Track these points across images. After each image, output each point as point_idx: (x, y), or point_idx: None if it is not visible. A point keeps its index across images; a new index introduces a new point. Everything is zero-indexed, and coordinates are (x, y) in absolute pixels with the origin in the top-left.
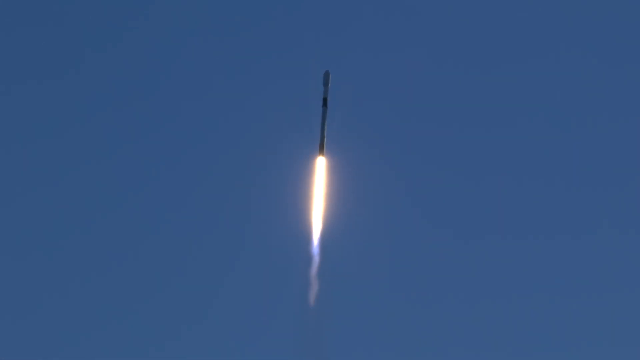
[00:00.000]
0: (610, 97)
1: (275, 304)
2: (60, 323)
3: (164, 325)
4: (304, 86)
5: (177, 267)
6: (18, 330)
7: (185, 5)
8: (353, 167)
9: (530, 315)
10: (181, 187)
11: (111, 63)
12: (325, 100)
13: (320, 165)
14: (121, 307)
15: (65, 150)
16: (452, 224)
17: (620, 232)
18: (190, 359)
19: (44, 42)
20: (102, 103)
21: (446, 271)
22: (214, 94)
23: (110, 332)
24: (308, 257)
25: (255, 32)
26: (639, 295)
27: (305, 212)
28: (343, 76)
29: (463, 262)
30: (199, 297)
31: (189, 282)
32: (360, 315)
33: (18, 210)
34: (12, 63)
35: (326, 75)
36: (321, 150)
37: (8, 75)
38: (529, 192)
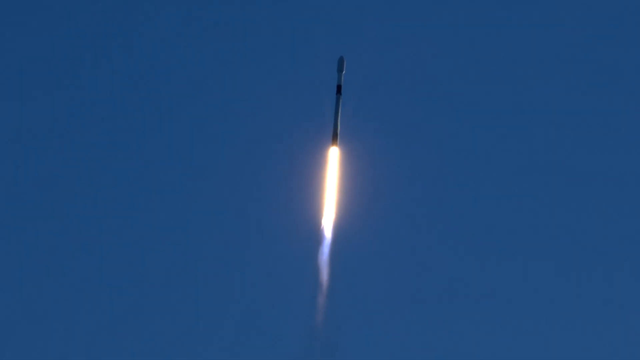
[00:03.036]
0: None
1: (286, 294)
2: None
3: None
4: (317, 73)
5: (186, 259)
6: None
7: None
8: (367, 159)
9: (543, 315)
10: (192, 178)
11: (121, 51)
12: (339, 88)
13: (334, 156)
14: (124, 309)
15: (68, 149)
16: (468, 215)
17: None
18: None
19: (43, 42)
20: (116, 89)
21: (459, 266)
22: (225, 82)
23: (114, 339)
24: (319, 249)
25: (268, 17)
26: None
27: (318, 205)
28: (358, 62)
29: (476, 258)
30: (208, 288)
31: (198, 275)
32: (371, 306)
33: (17, 211)
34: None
35: (341, 62)
36: (334, 140)
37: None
38: (538, 186)
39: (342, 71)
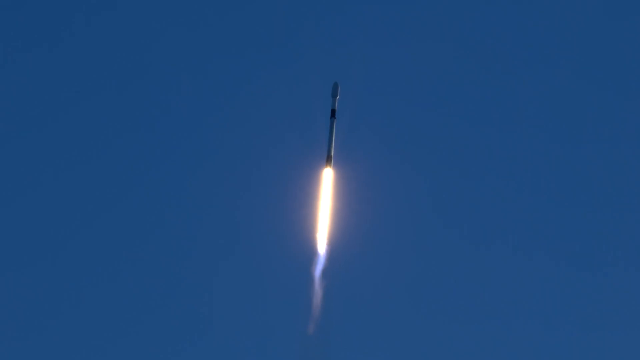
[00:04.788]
0: None
1: (278, 316)
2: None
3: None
4: (311, 97)
5: (178, 277)
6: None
7: (193, 17)
8: (360, 179)
9: (543, 324)
10: (186, 198)
11: (114, 73)
12: (333, 112)
13: (328, 177)
14: (118, 324)
15: (68, 149)
16: (461, 236)
17: None
18: None
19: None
20: (110, 123)
21: (456, 282)
22: (221, 105)
23: (107, 341)
24: (314, 269)
25: (264, 43)
26: None
27: (312, 224)
28: (352, 88)
29: (473, 271)
30: (199, 308)
31: (190, 291)
32: (366, 327)
33: (17, 212)
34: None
35: (335, 87)
36: (328, 162)
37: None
38: (537, 199)
39: (336, 96)
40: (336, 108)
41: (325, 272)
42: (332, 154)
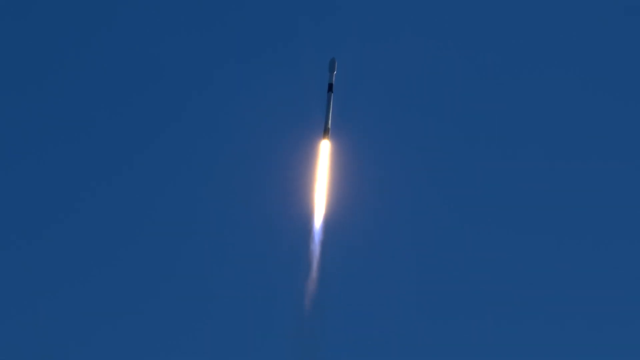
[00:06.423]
0: None
1: (276, 286)
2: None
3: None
4: (309, 72)
5: (176, 252)
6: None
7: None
8: (357, 150)
9: (534, 309)
10: (184, 171)
11: (111, 56)
12: (330, 86)
13: (325, 148)
14: (113, 305)
15: (66, 149)
16: (458, 205)
17: None
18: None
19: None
20: (105, 95)
21: (450, 257)
22: (220, 78)
23: (103, 335)
24: (311, 240)
25: (262, 18)
26: None
27: (309, 195)
28: (349, 63)
29: (467, 247)
30: (198, 281)
31: (187, 267)
32: (361, 298)
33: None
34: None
35: (332, 62)
36: (326, 134)
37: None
38: (532, 175)
39: (333, 71)
40: (333, 82)
41: (323, 243)
42: (330, 126)
